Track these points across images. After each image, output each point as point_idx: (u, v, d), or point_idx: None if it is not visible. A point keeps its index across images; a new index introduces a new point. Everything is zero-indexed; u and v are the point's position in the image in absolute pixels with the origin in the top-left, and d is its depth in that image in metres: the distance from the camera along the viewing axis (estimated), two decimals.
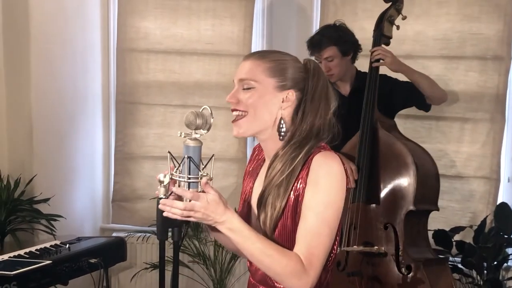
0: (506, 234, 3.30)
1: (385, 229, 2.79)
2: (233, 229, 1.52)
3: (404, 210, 2.76)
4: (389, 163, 2.80)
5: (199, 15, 3.89)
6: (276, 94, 1.64)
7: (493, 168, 3.46)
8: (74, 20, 3.73)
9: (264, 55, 1.67)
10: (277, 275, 1.55)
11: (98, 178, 4.05)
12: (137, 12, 3.90)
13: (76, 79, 3.76)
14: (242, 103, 1.64)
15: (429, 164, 2.92)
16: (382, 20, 2.98)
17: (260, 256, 1.52)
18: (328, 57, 2.99)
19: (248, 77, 1.64)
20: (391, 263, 2.76)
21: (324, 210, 1.56)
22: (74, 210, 3.75)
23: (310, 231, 1.55)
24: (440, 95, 3.05)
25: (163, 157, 3.96)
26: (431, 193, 2.90)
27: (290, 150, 1.62)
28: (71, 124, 3.74)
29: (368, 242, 2.80)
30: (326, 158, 1.59)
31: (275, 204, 1.61)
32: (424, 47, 3.57)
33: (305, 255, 1.53)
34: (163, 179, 1.55)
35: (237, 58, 3.90)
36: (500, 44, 3.40)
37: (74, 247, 2.93)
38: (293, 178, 1.60)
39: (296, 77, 1.65)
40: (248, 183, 1.79)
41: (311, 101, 1.65)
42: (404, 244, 2.75)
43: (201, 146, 1.56)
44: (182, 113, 3.93)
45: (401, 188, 2.77)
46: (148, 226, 3.85)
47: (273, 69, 1.64)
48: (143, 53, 3.93)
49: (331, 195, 1.57)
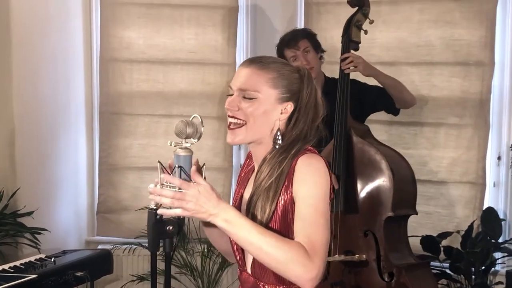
0: (493, 239, 3.32)
1: (365, 237, 2.78)
2: (229, 220, 1.47)
3: (383, 217, 2.76)
4: (365, 170, 2.80)
5: (182, 24, 3.87)
6: (276, 106, 1.63)
7: (479, 173, 3.48)
8: (56, 31, 3.70)
9: (266, 65, 1.64)
10: (280, 264, 1.48)
11: (82, 190, 4.00)
12: (119, 22, 3.87)
13: (58, 90, 3.72)
14: (242, 111, 1.63)
15: (404, 168, 2.91)
16: (350, 26, 2.97)
17: (260, 244, 1.47)
18: (305, 47, 3.04)
19: (250, 88, 1.62)
20: (373, 271, 2.76)
21: (317, 202, 1.55)
22: (59, 223, 3.70)
23: (308, 222, 1.53)
24: (409, 99, 3.07)
25: (148, 167, 3.95)
26: (408, 198, 2.90)
27: (277, 154, 1.62)
28: (54, 135, 3.70)
29: (349, 250, 2.79)
30: (311, 159, 1.60)
31: (265, 208, 1.60)
32: (407, 54, 3.59)
33: (307, 243, 1.50)
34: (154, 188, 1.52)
35: (221, 67, 3.89)
36: (482, 49, 3.43)
37: (59, 260, 2.89)
38: (281, 180, 1.60)
39: (293, 88, 1.65)
40: (239, 190, 1.78)
41: (304, 109, 1.66)
42: (385, 250, 2.74)
43: (192, 155, 1.54)
44: (167, 123, 3.92)
45: (378, 195, 2.77)
46: (134, 238, 3.81)
47: (274, 81, 1.62)
48: (126, 63, 3.90)
49: (321, 189, 1.57)
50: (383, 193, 2.76)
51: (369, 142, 2.86)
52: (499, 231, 3.34)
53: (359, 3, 2.98)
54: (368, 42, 3.09)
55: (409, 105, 3.10)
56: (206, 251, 3.74)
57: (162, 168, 1.57)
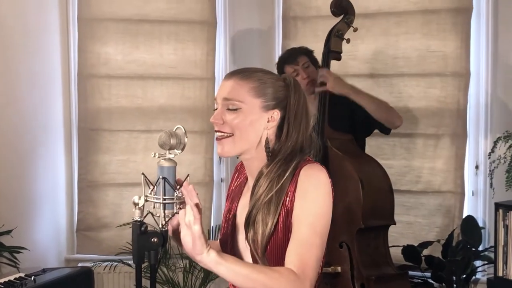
0: (473, 247, 3.35)
1: (341, 248, 2.79)
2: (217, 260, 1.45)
3: (354, 228, 2.76)
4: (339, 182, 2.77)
5: (161, 39, 3.88)
6: (262, 115, 1.63)
7: (457, 182, 3.52)
8: (34, 47, 3.67)
9: (247, 75, 1.65)
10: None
11: (61, 207, 3.95)
12: (97, 38, 3.86)
13: (36, 107, 3.69)
14: (227, 124, 1.63)
15: (378, 179, 2.90)
16: (330, 36, 3.00)
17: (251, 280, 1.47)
18: (305, 63, 3.05)
19: (233, 98, 1.62)
20: (347, 282, 2.76)
21: (315, 221, 1.56)
22: (38, 241, 3.65)
23: (302, 242, 1.54)
24: (391, 119, 2.98)
25: (128, 184, 3.92)
26: (383, 208, 2.90)
27: (275, 167, 1.62)
28: (32, 153, 3.66)
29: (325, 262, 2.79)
30: (313, 170, 1.61)
31: (266, 221, 1.59)
32: (385, 66, 3.63)
33: (298, 266, 1.50)
34: (138, 201, 1.51)
35: (200, 82, 3.90)
36: (458, 60, 3.48)
37: (39, 279, 2.85)
38: (283, 193, 1.59)
39: (279, 96, 1.65)
40: (232, 204, 1.76)
41: (294, 118, 1.65)
42: (358, 262, 2.75)
43: (176, 167, 1.54)
44: (146, 138, 3.90)
45: (350, 206, 2.78)
46: (115, 255, 3.77)
47: (257, 90, 1.63)
48: (104, 78, 3.88)
49: (320, 206, 1.57)
50: (353, 205, 2.76)
51: (344, 153, 2.85)
52: (479, 239, 3.38)
53: (342, 11, 3.00)
54: (346, 54, 3.12)
55: (392, 125, 3.02)
56: (188, 266, 3.71)
57: (146, 181, 1.56)
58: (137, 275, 1.55)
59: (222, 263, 1.46)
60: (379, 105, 2.97)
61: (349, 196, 2.77)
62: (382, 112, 2.96)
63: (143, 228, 1.51)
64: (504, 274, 2.98)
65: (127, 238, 3.77)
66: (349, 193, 2.77)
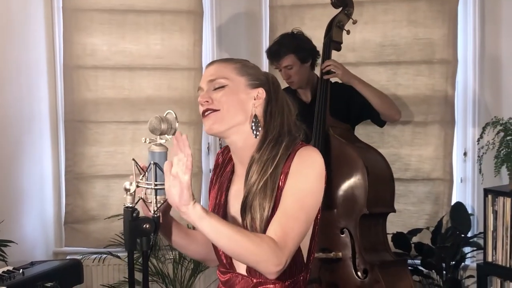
0: (462, 233, 3.37)
1: (342, 234, 2.81)
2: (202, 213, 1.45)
3: (358, 214, 2.79)
4: (341, 169, 2.83)
5: (147, 29, 3.84)
6: (249, 92, 1.65)
7: (446, 169, 3.53)
8: (18, 38, 3.62)
9: (227, 59, 1.70)
10: (252, 255, 1.47)
11: (49, 200, 3.91)
12: (83, 28, 3.81)
13: (22, 99, 3.64)
14: (216, 101, 1.62)
15: (381, 167, 2.94)
16: (332, 26, 3.01)
17: (235, 238, 1.46)
18: (287, 65, 3.02)
19: (218, 76, 1.63)
20: (348, 268, 2.78)
21: (304, 197, 1.56)
22: (25, 234, 3.61)
23: (287, 214, 1.53)
24: (391, 113, 3.03)
25: (115, 175, 3.89)
26: (385, 196, 2.93)
27: (267, 151, 1.62)
28: (17, 145, 3.61)
29: (325, 248, 2.81)
30: (308, 151, 1.61)
31: (263, 205, 1.58)
32: (373, 54, 3.63)
33: (279, 235, 1.50)
34: (129, 187, 1.50)
35: (188, 72, 3.87)
36: (446, 48, 3.49)
37: (28, 271, 2.82)
38: (277, 176, 1.59)
39: (261, 78, 1.69)
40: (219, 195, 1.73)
41: (275, 101, 1.67)
42: (360, 248, 2.76)
43: (167, 152, 1.52)
44: (134, 129, 3.87)
45: (353, 193, 2.80)
46: (104, 247, 3.74)
47: (240, 69, 1.66)
48: (90, 69, 3.84)
49: (312, 183, 1.58)
50: (358, 191, 2.78)
51: (347, 140, 2.89)
52: (468, 226, 3.40)
53: (342, 3, 3.02)
54: None
55: (391, 119, 3.06)
56: (177, 257, 3.69)
57: (137, 167, 1.54)
58: (129, 262, 1.53)
59: (206, 218, 1.44)
60: (382, 98, 3.01)
61: (353, 183, 2.79)
62: (385, 105, 3.00)
63: (135, 214, 1.49)
64: (494, 259, 3.00)
65: (116, 230, 3.75)
66: (354, 179, 2.79)
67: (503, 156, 2.98)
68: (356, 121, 3.16)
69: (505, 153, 2.98)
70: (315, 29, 3.33)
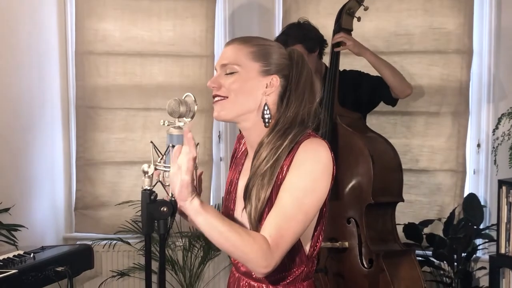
0: (474, 225, 3.35)
1: (348, 224, 2.79)
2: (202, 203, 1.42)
3: (363, 204, 2.77)
4: (348, 158, 2.80)
5: (159, 16, 3.82)
6: (260, 79, 1.59)
7: (459, 161, 3.50)
8: (30, 24, 3.61)
9: (248, 39, 1.63)
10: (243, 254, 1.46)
11: (59, 186, 3.91)
12: (95, 14, 3.79)
13: (33, 85, 3.63)
14: (224, 88, 1.60)
15: (388, 156, 2.91)
16: (341, 14, 2.97)
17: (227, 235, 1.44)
18: None
19: (230, 62, 1.60)
20: (355, 257, 2.77)
21: (303, 196, 1.50)
22: (36, 219, 3.61)
23: (283, 214, 1.49)
24: (403, 87, 2.99)
25: (126, 162, 3.88)
26: (392, 185, 2.90)
27: (275, 138, 1.57)
28: (29, 131, 3.61)
29: (332, 238, 2.80)
30: (313, 144, 1.55)
31: (259, 195, 1.55)
32: (387, 43, 3.59)
33: (273, 237, 1.46)
34: (147, 169, 1.48)
35: (199, 59, 3.85)
36: (461, 37, 3.45)
37: (39, 256, 2.83)
38: (277, 167, 1.55)
39: (280, 63, 1.62)
40: (234, 174, 1.74)
41: (295, 89, 1.61)
42: (366, 237, 2.75)
43: None
44: (145, 116, 3.86)
45: (359, 182, 2.78)
46: (114, 234, 3.74)
47: (256, 53, 1.60)
48: (102, 56, 3.83)
49: (313, 181, 1.52)
50: (363, 181, 2.76)
51: (355, 129, 2.85)
52: (481, 218, 3.37)
53: None
54: None
55: (403, 94, 3.01)
56: (187, 245, 3.69)
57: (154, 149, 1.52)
58: (146, 244, 1.52)
59: (201, 213, 1.42)
60: (394, 71, 2.97)
61: (359, 172, 2.77)
62: (397, 78, 2.96)
63: (153, 197, 1.48)
64: (507, 251, 2.98)
65: (126, 217, 3.76)
66: (359, 169, 2.77)
67: None
68: (368, 107, 3.13)
69: None
70: (328, 17, 3.30)
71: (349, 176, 2.80)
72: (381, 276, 2.70)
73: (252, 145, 1.65)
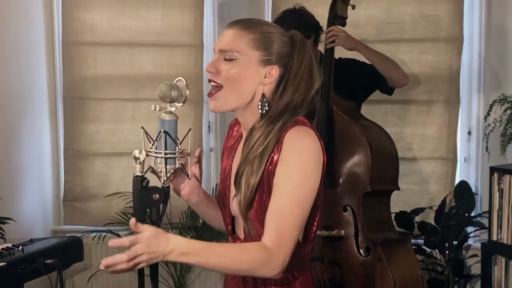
0: (466, 213, 3.35)
1: (344, 212, 2.78)
2: (184, 252, 1.39)
3: (361, 192, 2.76)
4: (345, 146, 2.79)
5: (148, 5, 3.77)
6: (259, 69, 1.56)
7: (450, 149, 3.50)
8: (16, 14, 3.55)
9: (250, 25, 1.57)
10: (247, 272, 1.48)
11: (48, 178, 3.86)
12: (82, 4, 3.74)
13: (20, 75, 3.58)
14: (221, 74, 1.56)
15: (386, 144, 2.91)
16: (336, 1, 2.95)
17: (223, 263, 1.44)
18: None
19: (230, 48, 1.55)
20: (351, 246, 2.76)
21: (295, 190, 1.48)
22: (24, 212, 3.57)
23: (279, 212, 1.47)
24: (399, 77, 2.98)
25: (115, 153, 3.84)
26: (389, 173, 2.90)
27: (265, 124, 1.55)
28: (16, 123, 3.56)
29: (328, 226, 2.79)
30: (299, 134, 1.52)
31: (249, 182, 1.53)
32: (377, 31, 3.57)
33: (275, 239, 1.45)
34: (139, 155, 1.45)
35: (188, 49, 3.81)
36: (451, 25, 3.44)
37: (27, 248, 2.78)
38: (266, 154, 1.53)
39: (281, 52, 1.58)
40: (227, 161, 1.71)
41: (293, 78, 1.57)
42: (363, 226, 2.74)
43: (177, 120, 1.48)
44: (134, 107, 3.82)
45: (356, 170, 2.77)
46: (103, 226, 3.71)
47: (257, 42, 1.55)
48: (90, 46, 3.77)
49: (302, 174, 1.49)
50: (361, 169, 2.75)
51: (351, 117, 2.85)
52: (472, 205, 3.37)
53: None
54: None
55: (399, 83, 2.99)
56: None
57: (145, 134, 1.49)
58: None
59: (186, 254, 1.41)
60: (389, 62, 2.95)
61: (356, 160, 2.76)
62: (392, 69, 2.95)
63: (144, 183, 1.45)
64: (499, 238, 2.98)
65: (115, 209, 3.72)
66: (357, 157, 2.76)
67: (509, 134, 2.94)
68: (363, 96, 3.11)
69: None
70: (317, 6, 3.27)
71: (346, 164, 2.79)
72: (378, 264, 2.69)
73: (246, 128, 1.63)
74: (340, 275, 2.77)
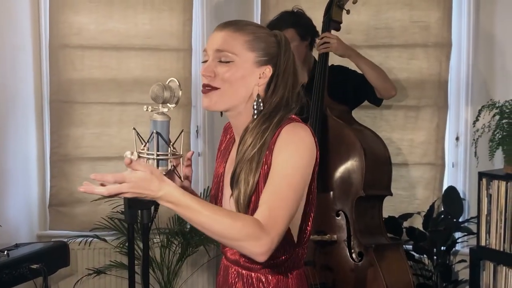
0: (454, 218, 3.35)
1: (337, 217, 2.77)
2: (174, 201, 1.38)
3: (354, 196, 2.76)
4: (338, 150, 2.79)
5: (136, 8, 3.74)
6: (254, 70, 1.57)
7: (438, 154, 3.51)
8: (2, 17, 3.51)
9: (241, 27, 1.59)
10: (234, 241, 1.42)
11: (33, 182, 3.81)
12: (69, 7, 3.70)
13: (6, 79, 3.53)
14: (218, 77, 1.56)
15: (379, 149, 2.92)
16: (331, 5, 2.96)
17: (210, 223, 1.40)
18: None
19: (226, 49, 1.55)
20: (343, 251, 2.75)
21: (291, 173, 1.49)
22: (9, 217, 3.52)
23: (275, 193, 1.48)
24: (387, 89, 2.97)
25: (101, 158, 3.81)
26: (382, 178, 2.90)
27: (260, 122, 1.56)
28: (1, 126, 3.51)
29: (320, 230, 2.78)
30: (296, 128, 1.55)
31: (248, 179, 1.53)
32: (366, 37, 3.58)
33: (268, 216, 1.44)
34: (130, 156, 1.43)
35: (177, 53, 3.79)
36: (440, 31, 3.45)
37: (13, 253, 2.77)
38: (264, 150, 1.54)
39: (271, 51, 1.60)
40: (220, 164, 1.71)
41: (282, 75, 1.60)
42: (356, 230, 2.73)
43: (169, 121, 1.46)
44: (121, 111, 3.79)
45: (350, 175, 2.76)
46: (90, 231, 3.66)
47: (251, 43, 1.57)
48: (77, 49, 3.74)
49: (298, 160, 1.51)
50: (355, 173, 2.75)
51: (345, 121, 2.85)
52: (460, 211, 3.38)
53: None
54: None
55: (388, 94, 2.99)
56: (165, 241, 3.63)
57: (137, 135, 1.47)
58: (129, 236, 1.47)
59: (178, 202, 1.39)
60: (379, 72, 2.95)
61: (350, 165, 2.76)
62: (381, 79, 2.94)
63: None
64: (487, 243, 2.98)
65: (102, 214, 3.68)
66: (351, 161, 2.75)
67: (498, 140, 2.96)
68: (354, 104, 3.11)
69: (500, 136, 2.96)
70: (309, 11, 3.26)
71: (340, 168, 2.78)
72: (370, 269, 2.69)
73: (238, 132, 1.63)
74: (332, 280, 2.76)
